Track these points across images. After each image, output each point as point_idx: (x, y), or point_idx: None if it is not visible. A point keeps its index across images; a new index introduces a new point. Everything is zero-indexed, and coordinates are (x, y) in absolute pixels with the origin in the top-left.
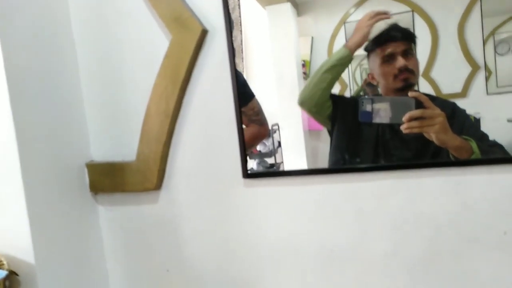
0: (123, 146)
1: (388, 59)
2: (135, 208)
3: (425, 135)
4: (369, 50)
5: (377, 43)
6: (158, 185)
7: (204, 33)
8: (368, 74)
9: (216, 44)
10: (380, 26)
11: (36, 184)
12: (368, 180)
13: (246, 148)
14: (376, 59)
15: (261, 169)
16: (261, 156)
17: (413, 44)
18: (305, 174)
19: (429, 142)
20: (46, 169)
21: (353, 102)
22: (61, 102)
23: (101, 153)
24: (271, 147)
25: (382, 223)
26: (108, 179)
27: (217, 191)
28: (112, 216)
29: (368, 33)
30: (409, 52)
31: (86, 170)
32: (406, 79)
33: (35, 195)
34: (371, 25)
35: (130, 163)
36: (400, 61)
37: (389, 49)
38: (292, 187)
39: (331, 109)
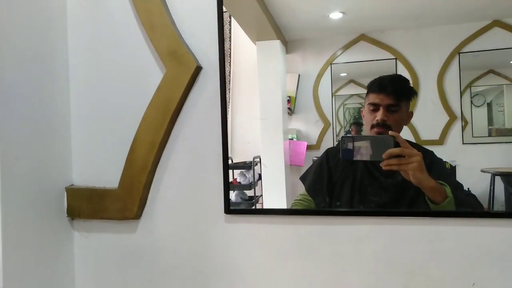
0: (106, 172)
1: (372, 108)
2: (111, 236)
3: (402, 173)
4: (367, 90)
5: (371, 88)
6: (138, 215)
7: (198, 69)
8: (361, 110)
9: (209, 81)
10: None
11: (13, 203)
12: (346, 224)
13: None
14: (366, 101)
15: (239, 200)
16: (240, 187)
17: (403, 101)
18: (286, 214)
19: (406, 190)
20: (24, 189)
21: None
22: (48, 123)
23: (83, 178)
24: (251, 179)
25: (358, 267)
26: (87, 205)
27: (197, 225)
28: (87, 243)
29: None
30: (394, 109)
31: (65, 194)
32: (380, 133)
33: (10, 215)
34: None
35: (111, 190)
36: (379, 115)
37: (376, 100)
38: (272, 225)
39: None
